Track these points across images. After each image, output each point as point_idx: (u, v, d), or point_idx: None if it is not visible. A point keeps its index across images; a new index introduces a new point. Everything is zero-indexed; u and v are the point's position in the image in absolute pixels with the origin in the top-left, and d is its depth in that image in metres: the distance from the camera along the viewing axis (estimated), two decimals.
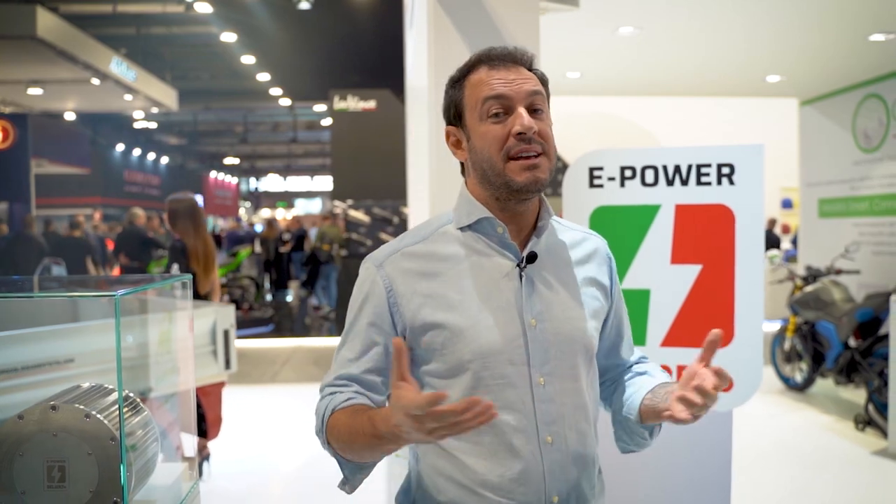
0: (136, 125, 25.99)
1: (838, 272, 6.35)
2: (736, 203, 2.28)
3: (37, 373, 2.02)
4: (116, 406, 1.24)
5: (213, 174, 36.20)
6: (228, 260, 11.52)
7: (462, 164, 1.39)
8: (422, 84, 7.30)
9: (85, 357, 2.45)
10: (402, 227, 12.61)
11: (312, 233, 17.35)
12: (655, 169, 2.34)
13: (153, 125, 26.86)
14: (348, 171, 13.76)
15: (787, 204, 12.00)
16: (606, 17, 5.01)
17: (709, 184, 2.31)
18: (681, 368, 2.33)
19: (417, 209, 7.24)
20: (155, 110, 20.10)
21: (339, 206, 13.42)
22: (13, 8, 12.71)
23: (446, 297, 1.28)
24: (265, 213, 38.33)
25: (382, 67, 14.35)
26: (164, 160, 31.67)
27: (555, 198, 3.18)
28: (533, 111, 1.27)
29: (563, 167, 6.00)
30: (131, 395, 1.33)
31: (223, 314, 3.44)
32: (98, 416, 1.19)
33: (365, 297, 1.33)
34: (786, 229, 11.89)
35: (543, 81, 1.34)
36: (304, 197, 41.66)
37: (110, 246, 13.17)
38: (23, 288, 1.71)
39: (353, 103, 13.52)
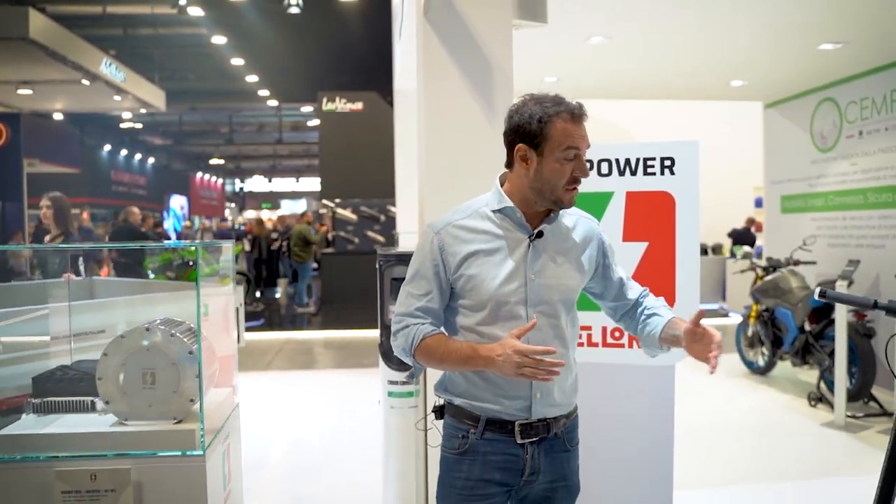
0: (123, 125, 26.16)
1: (796, 263, 6.85)
2: (676, 190, 2.74)
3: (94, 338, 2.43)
4: (189, 331, 1.67)
5: (198, 175, 36.41)
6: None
7: (510, 164, 1.91)
8: (409, 89, 7.77)
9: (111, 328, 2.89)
10: (388, 224, 13.01)
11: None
12: (609, 161, 2.80)
13: (139, 125, 27.02)
14: (336, 171, 14.13)
15: (759, 203, 12.52)
16: (578, 28, 5.48)
17: (654, 174, 2.77)
18: None
19: (406, 207, 7.68)
20: (143, 111, 20.37)
21: (327, 205, 13.79)
22: (5, 9, 12.90)
23: (477, 257, 1.85)
24: (250, 214, 38.57)
25: (369, 70, 14.76)
26: (151, 160, 31.79)
27: None
28: (582, 157, 1.86)
29: None
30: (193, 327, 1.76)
31: (235, 293, 3.83)
32: (179, 335, 1.61)
33: (426, 253, 1.88)
34: (759, 227, 12.43)
35: None
36: (290, 198, 41.86)
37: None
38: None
39: (340, 105, 13.90)
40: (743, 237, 12.20)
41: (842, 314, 5.40)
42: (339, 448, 5.19)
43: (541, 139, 1.83)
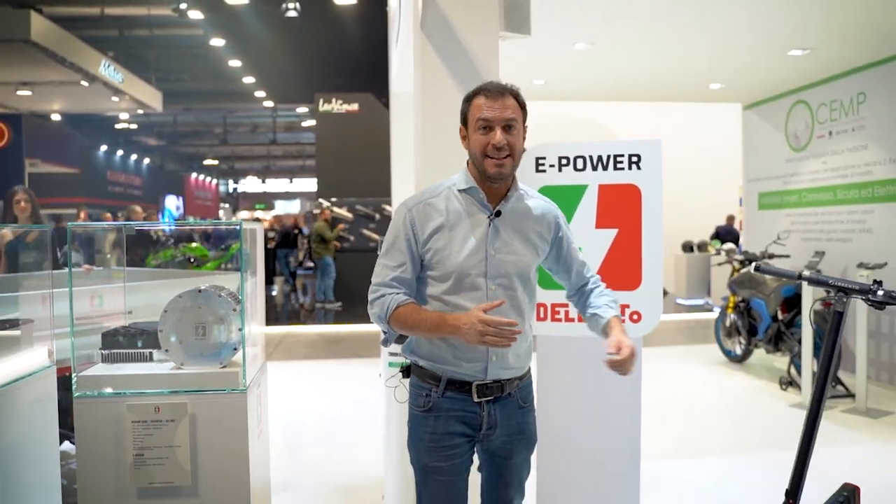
0: (118, 126, 26.41)
1: (771, 256, 7.25)
2: (642, 182, 3.12)
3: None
4: (231, 295, 2.04)
5: (193, 175, 36.63)
6: (221, 253, 12.23)
7: None
8: (404, 91, 8.12)
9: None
10: (384, 223, 13.36)
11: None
12: (584, 158, 3.17)
13: (134, 126, 27.27)
14: (332, 171, 14.46)
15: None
16: (562, 36, 5.87)
17: (623, 168, 3.14)
18: None
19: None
20: (140, 112, 20.65)
21: (323, 204, 14.11)
22: (7, 12, 13.09)
23: (443, 232, 2.06)
24: (243, 214, 38.75)
25: (365, 72, 15.09)
26: (146, 161, 32.01)
27: None
28: (507, 129, 2.03)
29: None
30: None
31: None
32: (225, 296, 1.98)
33: (399, 228, 2.09)
34: (741, 224, 12.83)
35: (522, 106, 2.10)
36: (283, 198, 42.11)
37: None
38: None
39: (337, 106, 14.24)
40: (727, 234, 12.61)
41: (808, 303, 5.79)
42: (341, 426, 5.55)
43: (467, 117, 2.09)
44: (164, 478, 1.93)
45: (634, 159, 3.14)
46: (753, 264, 2.46)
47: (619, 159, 3.16)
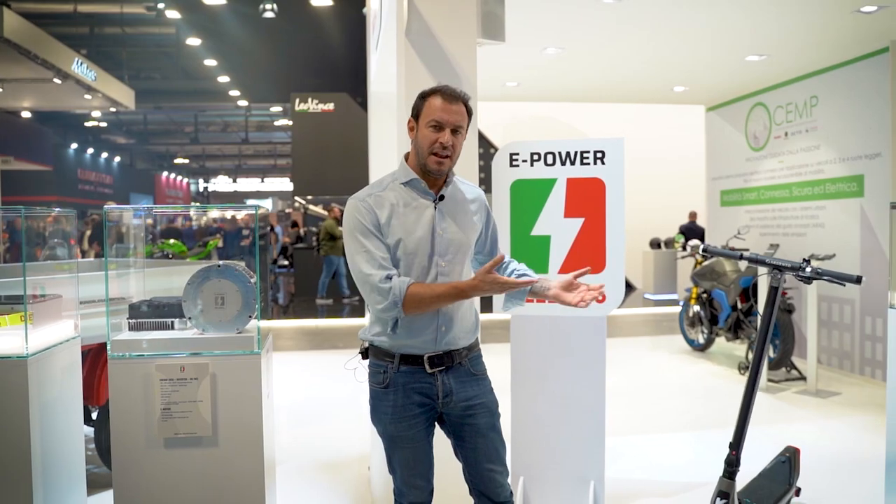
0: (88, 124, 26.28)
1: (732, 250, 7.66)
2: (606, 177, 3.45)
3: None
4: (245, 271, 2.32)
5: (164, 174, 36.49)
6: (199, 249, 12.39)
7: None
8: (384, 91, 8.39)
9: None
10: None
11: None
12: (554, 154, 3.49)
13: (104, 124, 27.14)
14: (307, 169, 14.69)
15: None
16: (534, 41, 6.20)
17: (588, 163, 3.47)
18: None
19: None
20: (112, 110, 20.63)
21: (299, 202, 14.33)
22: None
23: (396, 219, 2.22)
24: (214, 213, 38.54)
25: (341, 73, 15.32)
26: (117, 159, 31.85)
27: None
28: (454, 132, 2.22)
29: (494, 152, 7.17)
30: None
31: None
32: (241, 271, 2.26)
33: (363, 216, 2.20)
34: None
35: (470, 113, 2.29)
36: (255, 197, 42.01)
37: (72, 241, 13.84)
38: None
39: (312, 105, 14.47)
40: (692, 231, 13.06)
41: (764, 292, 6.19)
42: (327, 408, 5.83)
43: (419, 112, 2.25)
44: (188, 429, 2.20)
45: (599, 155, 3.48)
46: (701, 246, 2.79)
47: (585, 155, 3.49)
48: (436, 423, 2.37)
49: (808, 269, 2.59)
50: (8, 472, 2.38)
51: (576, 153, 3.49)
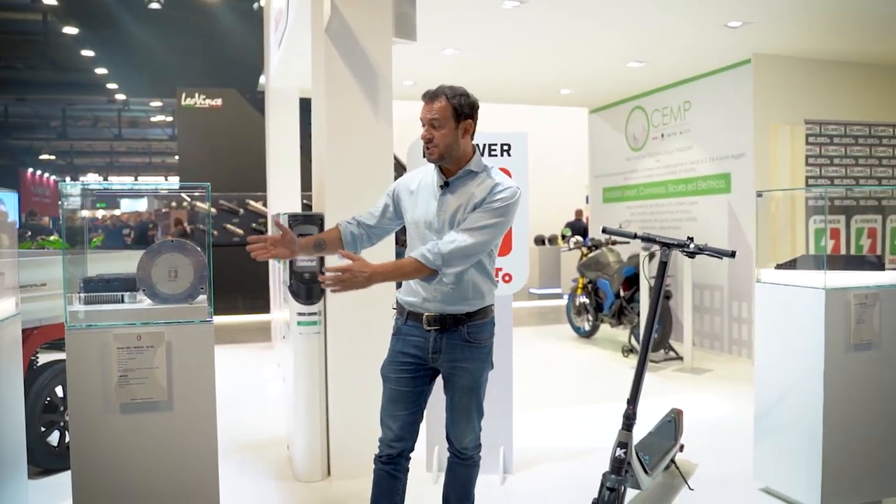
0: None
1: (614, 243, 8.23)
2: (512, 167, 3.77)
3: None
4: (195, 248, 2.47)
5: (28, 170, 34.45)
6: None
7: None
8: (283, 87, 8.49)
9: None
10: (247, 217, 13.48)
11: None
12: None
13: None
14: (195, 166, 14.36)
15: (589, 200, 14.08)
16: (434, 41, 6.50)
17: (497, 155, 3.79)
18: None
19: (280, 194, 8.35)
20: None
21: (185, 199, 14.01)
22: None
23: (410, 195, 2.67)
24: (84, 213, 36.59)
25: (229, 68, 15.10)
26: None
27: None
28: (433, 126, 2.53)
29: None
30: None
31: None
32: (195, 245, 2.41)
33: (391, 186, 2.76)
34: (588, 219, 14.02)
35: (454, 107, 2.54)
36: (129, 196, 40.25)
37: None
38: None
39: (199, 100, 14.18)
40: (576, 228, 13.78)
41: (645, 280, 6.75)
42: (239, 399, 5.89)
43: None
44: (144, 394, 2.32)
45: (506, 147, 3.81)
46: (601, 227, 3.15)
47: (493, 147, 3.81)
48: (431, 380, 2.68)
49: (692, 245, 2.99)
50: None
51: (485, 145, 3.81)
